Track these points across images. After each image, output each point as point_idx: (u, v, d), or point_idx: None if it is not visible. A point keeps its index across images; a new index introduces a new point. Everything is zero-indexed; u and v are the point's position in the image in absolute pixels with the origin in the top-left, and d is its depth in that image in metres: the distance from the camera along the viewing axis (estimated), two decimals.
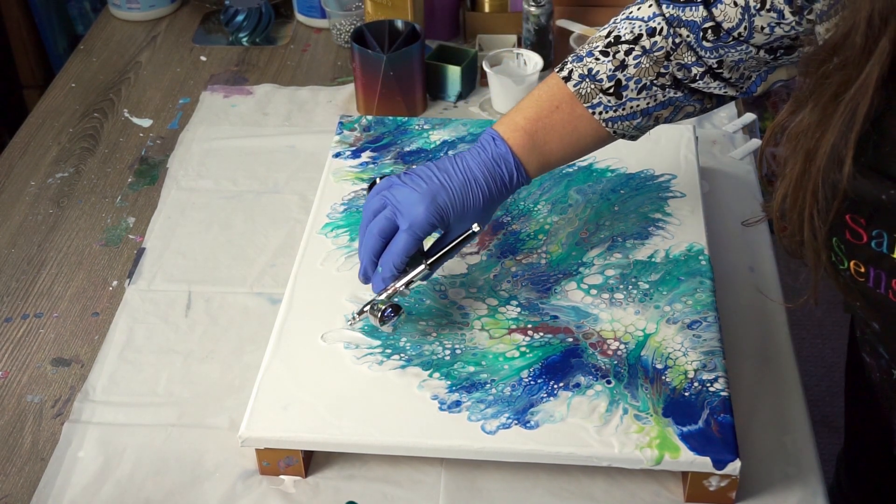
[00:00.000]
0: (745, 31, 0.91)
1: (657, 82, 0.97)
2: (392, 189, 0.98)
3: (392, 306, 0.99)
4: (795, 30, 0.89)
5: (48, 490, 0.97)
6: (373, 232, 0.98)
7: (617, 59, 0.96)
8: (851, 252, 0.79)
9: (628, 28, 0.97)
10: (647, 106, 0.98)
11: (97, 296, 1.19)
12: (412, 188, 0.97)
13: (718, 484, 0.92)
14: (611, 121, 0.98)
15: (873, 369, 0.95)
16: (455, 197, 0.97)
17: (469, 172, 0.98)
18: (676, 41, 0.94)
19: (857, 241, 0.78)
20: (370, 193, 1.01)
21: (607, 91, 0.97)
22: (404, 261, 0.97)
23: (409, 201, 0.96)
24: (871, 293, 0.80)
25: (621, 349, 1.00)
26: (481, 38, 1.58)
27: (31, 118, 1.51)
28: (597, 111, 0.98)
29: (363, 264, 1.00)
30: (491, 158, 0.98)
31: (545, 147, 0.99)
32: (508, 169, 0.98)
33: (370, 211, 0.99)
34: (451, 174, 0.98)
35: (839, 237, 0.79)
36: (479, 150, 0.99)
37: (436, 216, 0.96)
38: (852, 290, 0.82)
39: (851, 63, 0.71)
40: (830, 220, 0.77)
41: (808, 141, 0.75)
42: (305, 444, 0.95)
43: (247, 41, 1.67)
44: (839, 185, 0.74)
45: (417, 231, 0.96)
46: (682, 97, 0.98)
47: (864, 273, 0.79)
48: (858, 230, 0.78)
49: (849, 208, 0.77)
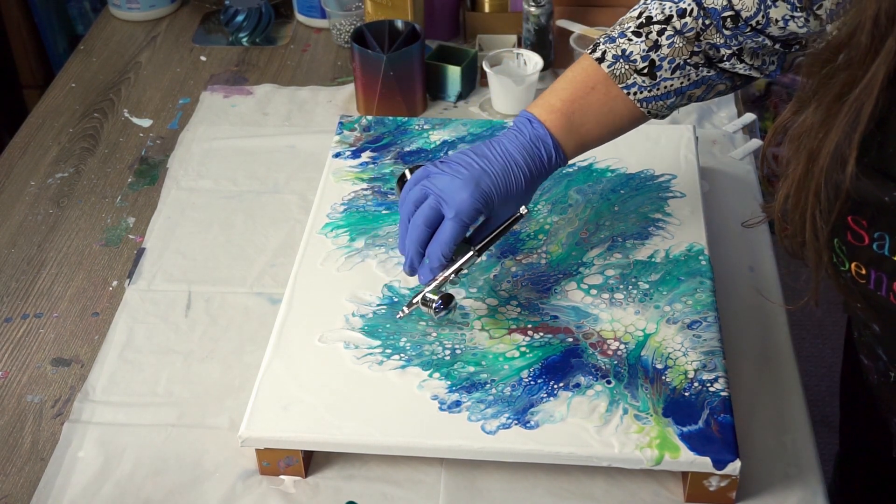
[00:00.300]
0: (763, 21, 0.92)
1: (690, 61, 0.97)
2: (432, 178, 0.97)
3: (444, 296, 0.99)
4: (806, 27, 0.89)
5: (48, 490, 0.97)
6: (417, 223, 0.97)
7: (650, 39, 0.97)
8: (853, 254, 0.79)
9: (659, 9, 0.97)
10: (680, 85, 0.98)
11: (97, 296, 1.19)
12: (453, 175, 0.96)
13: (718, 484, 0.92)
14: (645, 101, 0.99)
15: (871, 371, 0.95)
16: (498, 181, 0.97)
17: (508, 156, 0.97)
18: (706, 22, 0.95)
19: (859, 242, 0.78)
20: (407, 184, 1.00)
21: (641, 71, 0.97)
22: (453, 249, 0.97)
23: (452, 188, 0.95)
24: (871, 295, 0.80)
25: (621, 349, 1.00)
26: (481, 38, 1.58)
27: (31, 118, 1.51)
28: (631, 91, 0.98)
29: (409, 256, 0.99)
30: (529, 140, 0.98)
31: (582, 128, 0.99)
32: (547, 150, 0.98)
33: (411, 202, 0.98)
34: (491, 159, 0.97)
35: (841, 238, 0.79)
36: (515, 134, 0.99)
37: (481, 202, 0.96)
38: (853, 292, 0.82)
39: (856, 63, 0.71)
40: (832, 221, 0.77)
41: (811, 141, 0.75)
42: (305, 444, 0.95)
43: (247, 41, 1.67)
44: (842, 186, 0.74)
45: (464, 218, 0.96)
46: (714, 76, 0.99)
47: (865, 275, 0.79)
48: (860, 232, 0.78)
49: (851, 209, 0.77)
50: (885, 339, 0.89)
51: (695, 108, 1.43)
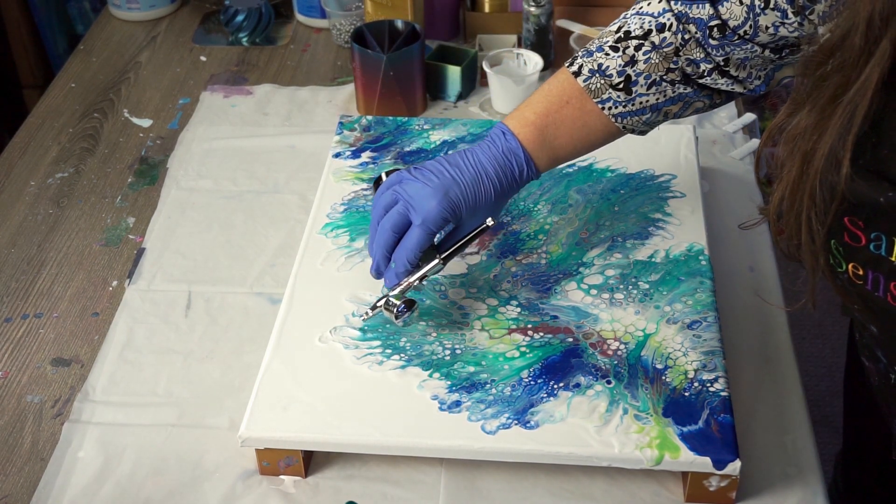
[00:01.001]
0: (751, 30, 0.91)
1: (667, 78, 0.97)
2: (403, 184, 0.98)
3: (406, 301, 0.99)
4: (799, 31, 0.89)
5: (48, 490, 0.97)
6: (385, 227, 0.98)
7: (627, 54, 0.97)
8: (850, 255, 0.79)
9: (638, 23, 0.97)
10: (656, 101, 0.98)
11: (97, 296, 1.19)
12: (424, 183, 0.97)
13: (718, 484, 0.92)
14: (620, 116, 0.99)
15: (872, 373, 0.95)
16: (467, 191, 0.97)
17: (480, 167, 0.98)
18: (685, 37, 0.94)
19: (856, 243, 0.78)
20: (380, 188, 1.01)
21: (617, 86, 0.97)
22: (418, 255, 0.98)
23: (421, 196, 0.97)
24: (869, 296, 0.80)
25: (621, 349, 1.00)
26: (481, 38, 1.58)
27: (31, 118, 1.51)
28: (606, 106, 0.98)
29: (375, 260, 1.00)
30: (501, 153, 0.98)
31: (555, 142, 0.99)
32: (519, 163, 0.98)
33: (381, 206, 0.99)
34: (463, 169, 0.98)
35: (837, 240, 0.79)
36: (489, 145, 0.99)
37: (449, 211, 0.97)
38: (850, 293, 0.82)
39: (850, 64, 0.71)
40: (829, 222, 0.77)
41: (805, 143, 0.75)
42: (305, 444, 0.95)
43: (247, 41, 1.67)
44: (837, 188, 0.74)
45: (431, 226, 0.97)
46: (691, 93, 0.98)
47: (862, 276, 0.79)
48: (857, 233, 0.77)
49: (847, 211, 0.77)
50: (883, 341, 0.89)
51: None
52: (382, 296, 1.01)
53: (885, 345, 0.89)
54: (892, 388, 0.92)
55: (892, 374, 0.90)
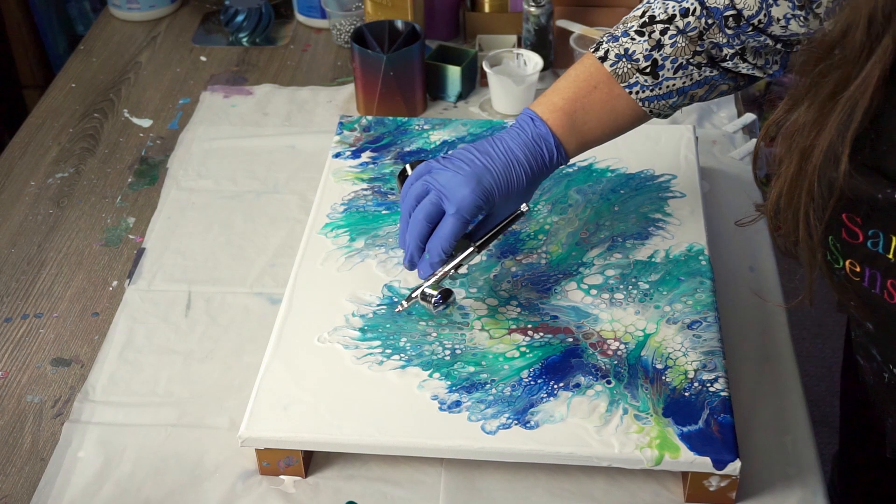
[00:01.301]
0: (765, 19, 0.92)
1: (693, 61, 0.97)
2: (434, 174, 0.98)
3: (442, 291, 0.99)
4: (806, 25, 0.89)
5: (48, 490, 0.97)
6: (419, 217, 0.97)
7: (653, 38, 0.97)
8: (847, 251, 0.79)
9: (662, 8, 0.97)
10: (683, 85, 0.98)
11: (97, 296, 1.19)
12: (455, 171, 0.97)
13: (718, 484, 0.92)
14: (647, 100, 0.99)
15: (867, 372, 0.95)
16: (499, 178, 0.97)
17: (511, 153, 0.98)
18: (709, 21, 0.95)
19: (853, 240, 0.78)
20: (409, 178, 1.00)
21: (644, 71, 0.97)
22: (453, 245, 0.97)
23: (454, 184, 0.96)
24: (865, 293, 0.80)
25: (621, 349, 1.00)
26: (481, 38, 1.58)
27: (31, 118, 1.51)
28: (634, 91, 0.98)
29: (409, 251, 0.99)
30: (531, 139, 0.98)
31: (584, 127, 0.99)
32: (549, 148, 0.98)
33: (412, 197, 0.99)
34: (493, 156, 0.98)
35: (835, 236, 0.79)
36: (518, 131, 0.99)
37: (482, 198, 0.96)
38: (847, 290, 0.82)
39: (851, 61, 0.71)
40: (826, 218, 0.77)
41: (803, 139, 0.75)
42: (305, 444, 0.95)
43: (247, 41, 1.67)
44: (835, 184, 0.74)
45: (465, 214, 0.96)
46: (717, 76, 0.99)
47: (859, 273, 0.79)
48: (854, 229, 0.77)
49: (845, 207, 0.77)
50: (878, 338, 0.89)
51: (695, 108, 1.43)
52: (416, 287, 1.01)
53: (880, 342, 0.89)
54: (886, 387, 0.92)
55: (886, 373, 0.90)
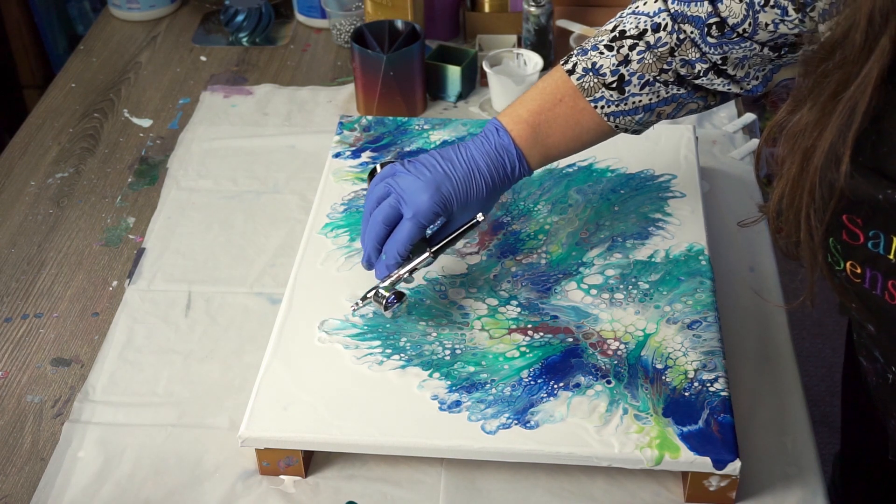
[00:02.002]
0: (750, 28, 0.91)
1: (660, 78, 0.97)
2: (396, 177, 0.99)
3: (395, 293, 1.00)
4: (799, 28, 0.89)
5: (48, 490, 0.97)
6: (377, 220, 0.99)
7: (621, 53, 0.97)
8: (848, 253, 0.79)
9: (633, 23, 0.97)
10: (649, 101, 0.98)
11: (97, 296, 1.19)
12: (416, 176, 0.98)
13: (718, 484, 0.92)
14: (613, 115, 0.99)
15: (869, 373, 0.95)
16: (459, 186, 0.98)
17: (473, 162, 0.99)
18: (681, 37, 0.94)
19: (854, 241, 0.78)
20: (374, 180, 1.02)
21: (610, 86, 0.97)
22: (408, 249, 0.99)
23: (413, 189, 0.97)
24: (866, 294, 0.80)
25: (621, 349, 1.00)
26: (481, 38, 1.58)
27: (31, 118, 1.51)
28: (599, 105, 0.98)
29: (366, 251, 1.01)
30: (494, 149, 0.99)
31: (548, 140, 1.00)
32: (511, 160, 0.99)
33: (374, 198, 1.00)
34: (455, 163, 0.99)
35: (836, 237, 0.79)
36: (482, 141, 1.00)
37: (440, 205, 0.97)
38: (848, 292, 0.82)
39: (851, 61, 0.71)
40: (827, 220, 0.77)
41: (805, 140, 0.75)
42: (305, 444, 0.95)
43: (247, 41, 1.67)
44: (836, 185, 0.74)
45: (421, 220, 0.97)
46: (685, 94, 0.98)
47: (860, 274, 0.79)
48: (855, 230, 0.77)
49: (846, 208, 0.77)
50: (880, 339, 0.89)
51: None
52: (373, 287, 1.02)
53: (882, 344, 0.89)
54: (889, 388, 0.92)
55: (890, 374, 0.90)
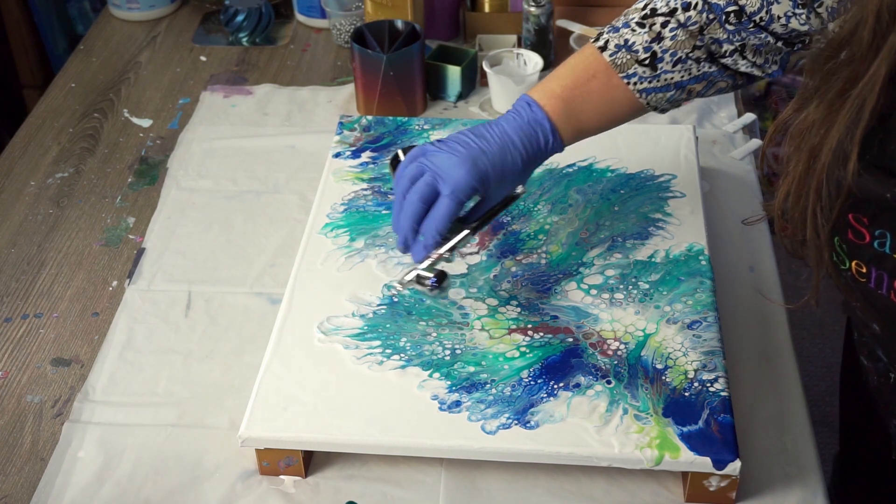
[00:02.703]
0: (766, 18, 0.92)
1: (692, 55, 0.97)
2: (428, 156, 0.97)
3: (438, 274, 0.99)
4: (808, 24, 0.89)
5: (48, 490, 0.97)
6: (413, 199, 0.96)
7: (653, 30, 0.97)
8: (853, 252, 0.79)
9: (664, 1, 0.97)
10: (681, 79, 0.98)
11: (97, 296, 1.19)
12: (450, 153, 0.96)
13: (718, 484, 0.92)
14: (645, 92, 0.99)
15: (871, 373, 0.95)
16: (495, 160, 0.96)
17: (506, 136, 0.97)
18: (710, 17, 0.95)
19: (860, 240, 0.78)
20: (404, 161, 1.00)
21: (643, 62, 0.97)
22: (447, 226, 0.96)
23: (449, 165, 0.95)
24: (872, 294, 0.80)
25: (621, 349, 1.00)
26: (481, 38, 1.58)
27: (31, 118, 1.51)
28: (632, 82, 0.98)
29: (403, 233, 0.98)
30: (527, 123, 0.98)
31: (581, 115, 0.99)
32: (544, 134, 0.98)
33: (406, 178, 0.98)
34: (488, 139, 0.97)
35: (841, 237, 0.79)
36: (514, 116, 0.99)
37: (477, 180, 0.95)
38: (853, 291, 0.82)
39: (858, 59, 0.71)
40: (833, 218, 0.77)
41: (812, 138, 0.75)
42: (305, 444, 0.95)
43: (247, 41, 1.67)
44: (843, 183, 0.74)
45: (460, 195, 0.95)
46: (715, 72, 0.98)
47: (865, 273, 0.79)
48: (861, 230, 0.77)
49: (852, 207, 0.77)
50: (884, 339, 0.88)
51: (695, 108, 1.43)
52: (410, 269, 1.00)
53: (886, 343, 0.89)
54: (891, 387, 0.92)
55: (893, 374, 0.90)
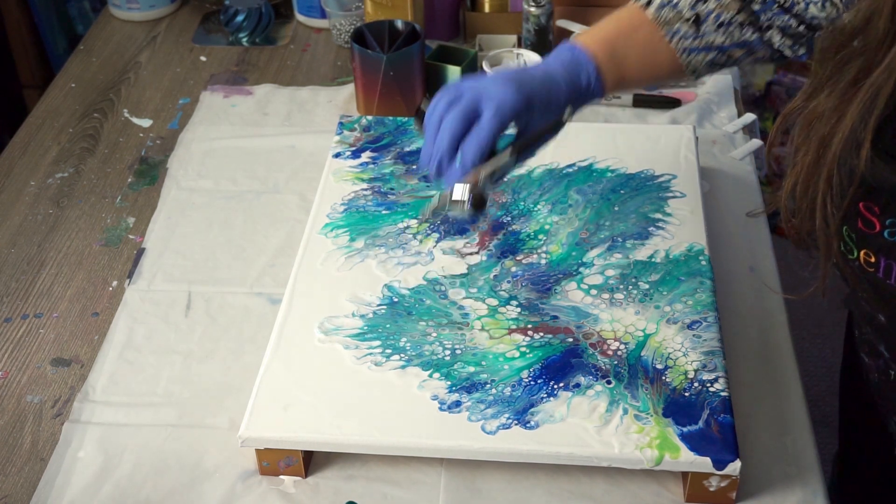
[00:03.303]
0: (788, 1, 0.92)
1: (737, 19, 0.96)
2: (467, 83, 0.93)
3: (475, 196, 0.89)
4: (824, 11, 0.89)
5: (48, 490, 0.97)
6: (453, 116, 0.89)
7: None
8: (863, 241, 0.79)
9: None
10: (722, 43, 0.97)
11: (97, 296, 1.19)
12: (493, 78, 0.92)
13: (718, 484, 0.92)
14: (687, 51, 0.98)
15: (871, 370, 0.95)
16: (539, 88, 0.93)
17: (549, 69, 0.95)
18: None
19: (870, 230, 0.78)
20: (438, 93, 0.93)
21: (687, 20, 0.96)
22: (490, 146, 0.89)
23: (493, 86, 0.91)
24: (880, 284, 0.80)
25: (621, 349, 1.00)
26: (481, 38, 1.58)
27: (31, 118, 1.51)
28: (674, 39, 0.97)
29: (439, 153, 0.90)
30: (571, 61, 0.96)
31: (624, 62, 0.97)
32: (587, 74, 0.96)
33: (444, 104, 0.91)
34: (531, 72, 0.94)
35: (850, 226, 0.79)
36: (556, 55, 0.97)
37: (522, 102, 0.90)
38: (861, 281, 0.82)
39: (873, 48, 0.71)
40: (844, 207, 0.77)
41: (823, 127, 0.75)
42: (305, 444, 0.95)
43: (247, 41, 1.67)
44: (856, 171, 0.74)
45: (505, 114, 0.89)
46: (756, 40, 0.98)
47: (874, 263, 0.79)
48: (871, 219, 0.77)
49: (863, 196, 0.77)
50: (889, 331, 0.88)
51: (695, 108, 1.43)
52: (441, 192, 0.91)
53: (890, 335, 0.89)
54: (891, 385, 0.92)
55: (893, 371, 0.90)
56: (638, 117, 1.43)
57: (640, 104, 1.45)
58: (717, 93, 1.46)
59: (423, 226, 1.15)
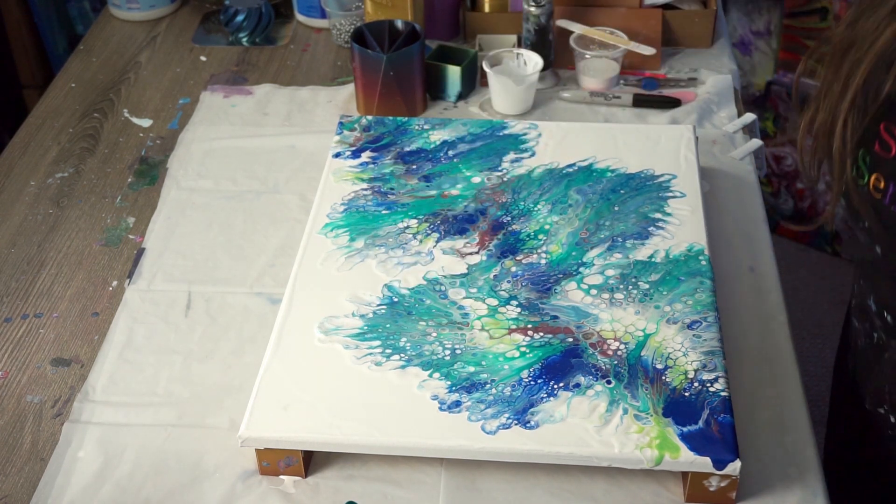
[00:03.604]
0: None
1: None
2: None
3: None
4: None
5: (48, 490, 0.97)
6: None
7: None
8: (875, 165, 0.81)
9: None
10: None
11: (97, 296, 1.19)
12: None
13: (718, 484, 0.92)
14: None
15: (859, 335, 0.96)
16: None
17: None
18: None
19: (886, 153, 0.80)
20: None
21: None
22: None
23: None
24: (884, 210, 0.82)
25: (621, 349, 1.00)
26: (481, 38, 1.58)
27: (31, 118, 1.51)
28: None
29: None
30: None
31: None
32: None
33: None
34: None
35: (867, 148, 0.81)
36: None
37: None
38: (866, 206, 0.84)
39: None
40: (865, 124, 0.79)
41: (856, 53, 0.78)
42: (305, 444, 0.95)
43: (247, 41, 1.67)
44: (883, 88, 0.76)
45: None
46: None
47: (882, 189, 0.81)
48: (889, 141, 0.79)
49: (885, 115, 0.79)
50: (881, 268, 0.90)
51: (695, 108, 1.43)
52: None
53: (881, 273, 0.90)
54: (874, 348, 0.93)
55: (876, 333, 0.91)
56: (638, 117, 1.43)
57: (640, 104, 1.45)
58: (717, 93, 1.46)
59: (423, 226, 1.15)
